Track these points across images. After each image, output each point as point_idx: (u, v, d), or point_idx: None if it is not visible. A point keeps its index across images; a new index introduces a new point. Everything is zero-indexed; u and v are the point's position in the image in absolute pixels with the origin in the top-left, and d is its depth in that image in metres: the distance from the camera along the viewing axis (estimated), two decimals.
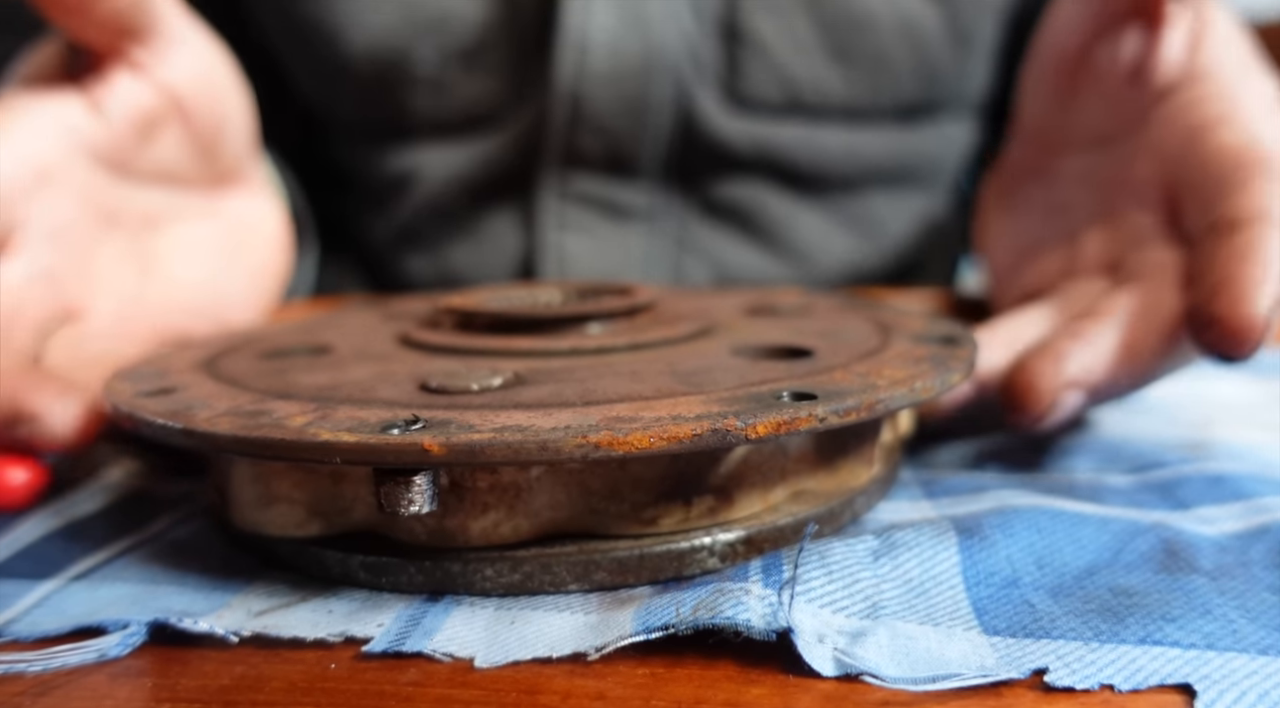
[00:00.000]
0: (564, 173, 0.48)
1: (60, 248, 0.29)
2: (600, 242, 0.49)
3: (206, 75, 0.33)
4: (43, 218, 0.29)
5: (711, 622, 0.17)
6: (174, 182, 0.33)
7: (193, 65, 0.32)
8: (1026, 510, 0.22)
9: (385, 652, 0.17)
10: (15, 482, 0.25)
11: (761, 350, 0.24)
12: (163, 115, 0.32)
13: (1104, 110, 0.32)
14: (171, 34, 0.31)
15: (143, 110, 0.31)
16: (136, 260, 0.32)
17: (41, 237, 0.28)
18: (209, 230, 0.34)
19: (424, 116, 0.50)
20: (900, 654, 0.17)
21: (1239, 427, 0.29)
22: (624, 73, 0.46)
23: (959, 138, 0.54)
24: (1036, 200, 0.35)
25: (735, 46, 0.47)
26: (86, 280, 0.30)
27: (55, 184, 0.29)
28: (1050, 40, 0.34)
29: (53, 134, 0.29)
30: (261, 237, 0.37)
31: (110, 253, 0.31)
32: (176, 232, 0.33)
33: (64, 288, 0.29)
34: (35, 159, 0.29)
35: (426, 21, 0.47)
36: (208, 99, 0.33)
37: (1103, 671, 0.16)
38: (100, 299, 0.30)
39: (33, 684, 0.17)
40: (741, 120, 0.48)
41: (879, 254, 0.53)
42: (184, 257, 0.33)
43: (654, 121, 0.47)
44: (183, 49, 0.32)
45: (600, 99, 0.46)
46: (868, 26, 0.47)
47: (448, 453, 0.17)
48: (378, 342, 0.27)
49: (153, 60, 0.31)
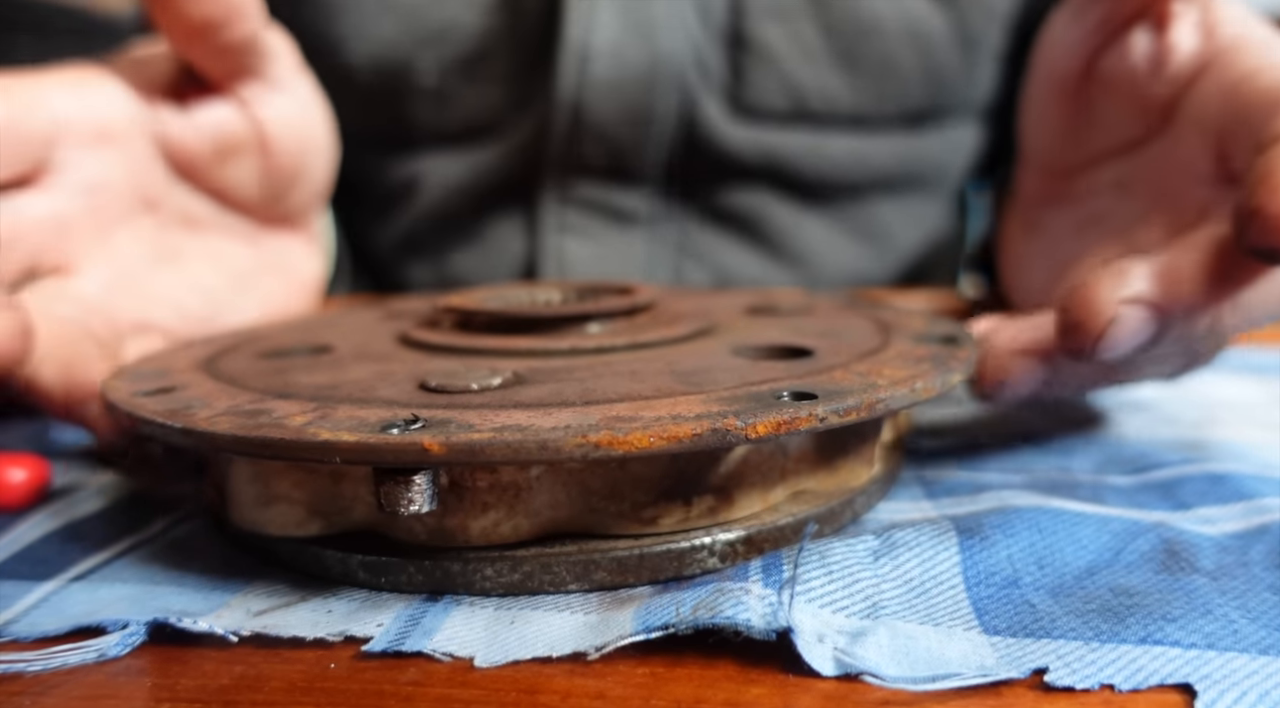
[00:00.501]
0: (564, 180, 0.48)
1: (85, 204, 0.30)
2: (601, 246, 0.49)
3: (298, 124, 0.34)
4: (84, 171, 0.30)
5: (711, 621, 0.17)
6: (232, 204, 0.34)
7: (289, 112, 0.33)
8: (1027, 510, 0.22)
9: (385, 651, 0.17)
10: (15, 481, 0.25)
11: (761, 350, 0.24)
12: (244, 145, 0.33)
13: (1124, 117, 0.31)
14: (279, 80, 0.33)
15: (227, 133, 0.32)
16: (154, 248, 0.32)
17: (73, 186, 0.29)
18: (242, 254, 0.35)
19: (426, 126, 0.50)
20: (900, 654, 0.17)
21: (1240, 426, 0.29)
22: (627, 81, 0.46)
23: (965, 142, 0.53)
24: (1064, 222, 0.34)
25: (741, 54, 0.47)
26: (93, 244, 0.30)
27: (110, 148, 0.30)
28: (1048, 69, 0.33)
29: (124, 105, 0.31)
30: (291, 280, 0.37)
31: (132, 232, 0.31)
32: (208, 241, 0.34)
33: (68, 240, 0.29)
34: (96, 116, 0.30)
35: (428, 32, 0.47)
36: (292, 146, 0.34)
37: (1103, 670, 0.16)
38: (99, 265, 0.30)
39: (32, 684, 0.17)
40: (746, 128, 0.48)
41: (883, 261, 0.53)
42: (204, 264, 0.33)
43: (657, 130, 0.47)
44: (285, 96, 0.33)
45: (602, 108, 0.46)
46: (875, 33, 0.47)
47: (447, 452, 0.17)
48: (377, 341, 0.27)
49: (254, 97, 0.32)
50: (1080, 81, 0.32)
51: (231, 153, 0.32)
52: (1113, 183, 0.32)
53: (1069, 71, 0.32)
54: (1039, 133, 0.35)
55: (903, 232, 0.53)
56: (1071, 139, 0.33)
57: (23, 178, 0.28)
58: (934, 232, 0.55)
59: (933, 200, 0.54)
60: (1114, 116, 0.31)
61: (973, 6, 0.48)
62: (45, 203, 0.29)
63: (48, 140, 0.28)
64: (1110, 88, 0.31)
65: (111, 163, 0.30)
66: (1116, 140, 0.32)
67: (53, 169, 0.29)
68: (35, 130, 0.28)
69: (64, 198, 0.29)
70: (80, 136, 0.29)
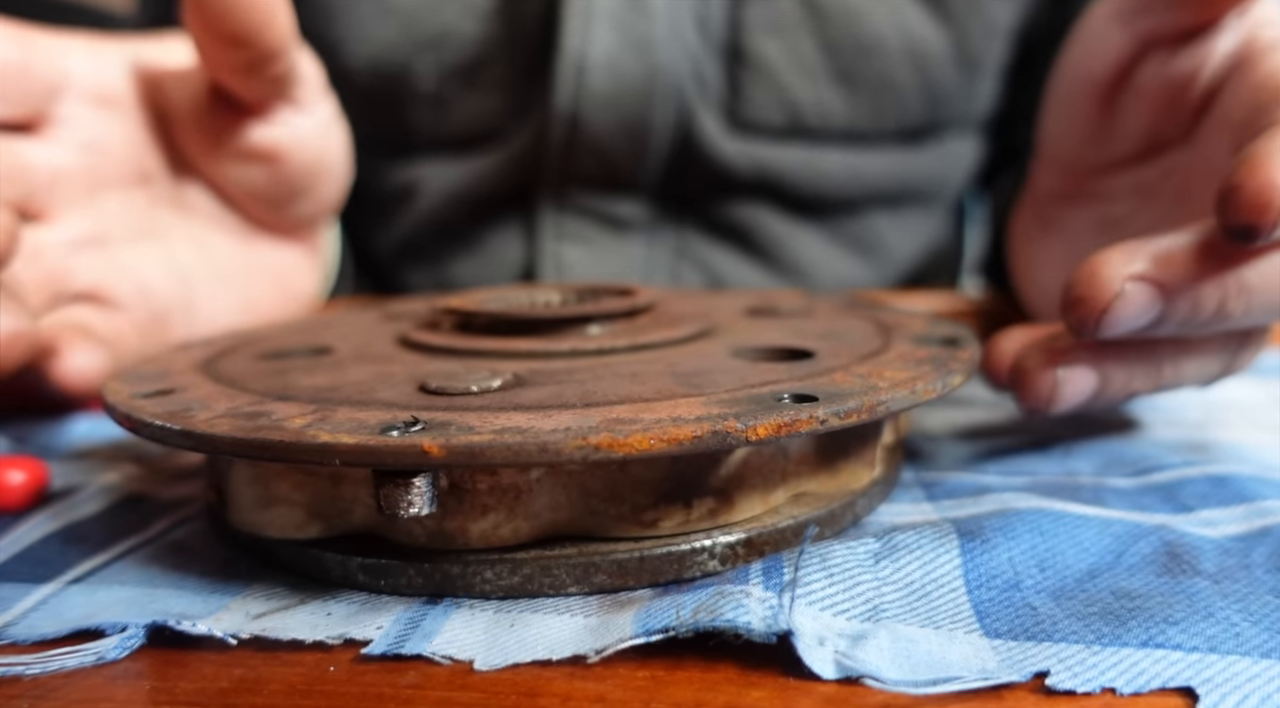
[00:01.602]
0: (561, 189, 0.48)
1: (80, 161, 0.30)
2: (599, 252, 0.49)
3: (315, 144, 0.34)
4: (84, 130, 0.30)
5: (712, 624, 0.17)
6: (231, 201, 0.34)
7: (307, 130, 0.34)
8: (1029, 513, 0.21)
9: (384, 654, 0.17)
10: (14, 483, 0.25)
11: (762, 352, 0.24)
12: (257, 152, 0.33)
13: (1151, 123, 0.30)
14: (303, 102, 0.33)
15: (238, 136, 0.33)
16: (139, 220, 0.32)
17: (72, 142, 0.30)
18: (230, 250, 0.35)
19: (425, 132, 0.50)
20: (901, 657, 0.17)
21: (1242, 429, 0.29)
22: (624, 94, 0.45)
23: (963, 155, 0.53)
24: (1083, 221, 0.33)
25: (738, 68, 0.47)
26: (78, 200, 0.31)
27: (113, 113, 0.31)
28: (1079, 69, 0.33)
29: (134, 77, 0.32)
30: (282, 287, 0.37)
31: (121, 199, 0.32)
32: (197, 228, 0.34)
33: (56, 192, 0.30)
34: (104, 80, 0.31)
35: (426, 37, 0.47)
36: (304, 162, 0.34)
37: (1104, 674, 0.16)
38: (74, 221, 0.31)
39: (30, 687, 0.17)
40: (742, 142, 0.48)
41: (879, 273, 0.53)
42: (186, 248, 0.33)
43: (654, 143, 0.47)
44: (307, 117, 0.33)
45: (599, 120, 0.46)
46: (874, 50, 0.47)
47: (447, 455, 0.17)
48: (377, 343, 0.27)
49: (277, 116, 0.33)
50: (1113, 86, 0.32)
51: (239, 155, 0.32)
52: (1132, 187, 0.32)
53: (1103, 75, 0.32)
54: (1062, 131, 0.34)
55: (899, 244, 0.53)
56: (1095, 140, 0.33)
57: (25, 122, 0.29)
58: (931, 243, 0.54)
59: (930, 213, 0.54)
60: (1142, 123, 0.31)
61: (974, 25, 0.48)
62: (43, 151, 0.29)
63: (54, 90, 0.29)
64: (1143, 95, 0.30)
65: (112, 128, 0.31)
66: (1140, 146, 0.31)
67: (54, 122, 0.30)
68: (43, 77, 0.29)
69: (61, 151, 0.30)
70: (86, 95, 0.30)
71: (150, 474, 0.28)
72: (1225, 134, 0.27)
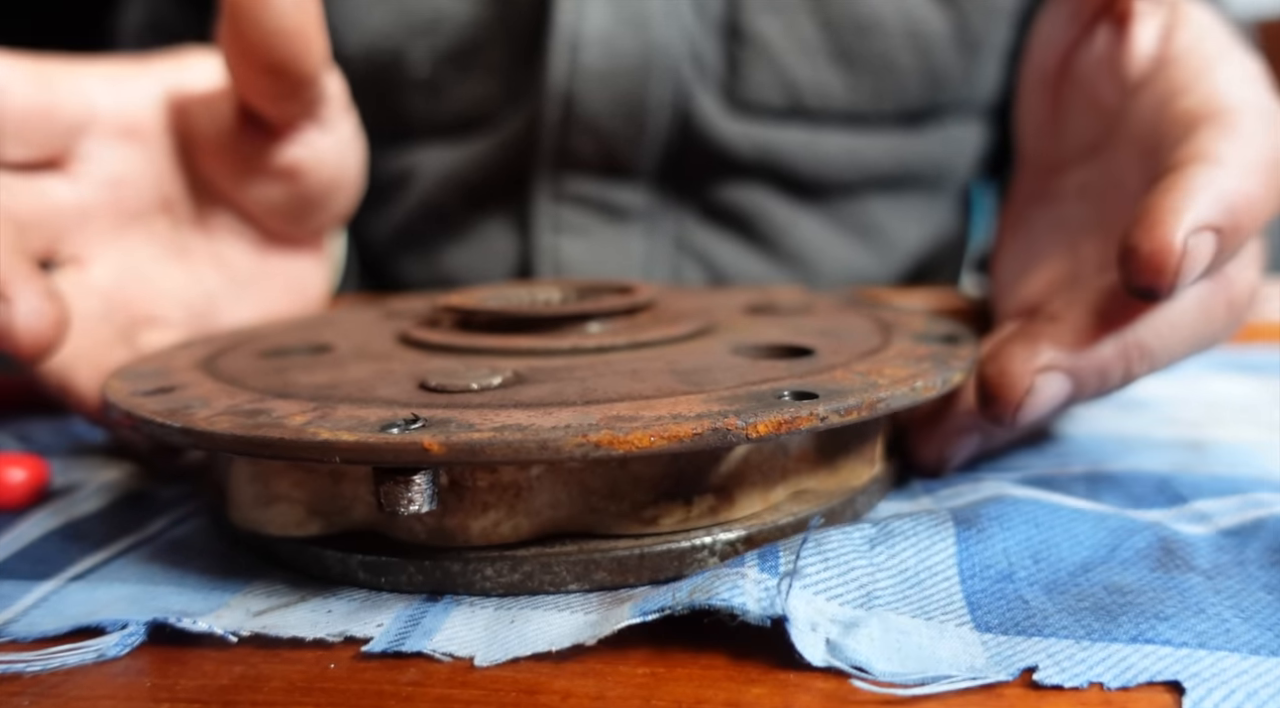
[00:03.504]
0: (558, 175, 0.48)
1: (106, 196, 0.30)
2: (597, 244, 0.49)
3: (334, 161, 0.34)
4: (108, 165, 0.30)
5: (707, 603, 0.17)
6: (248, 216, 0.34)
7: (328, 148, 0.33)
8: (1025, 502, 0.21)
9: (385, 652, 0.17)
10: (15, 480, 0.25)
11: (762, 349, 0.24)
12: (280, 171, 0.33)
13: (1089, 119, 0.31)
14: (327, 121, 0.33)
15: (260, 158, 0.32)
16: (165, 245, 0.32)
17: (97, 178, 0.30)
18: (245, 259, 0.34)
19: (419, 118, 0.50)
20: (891, 650, 0.17)
21: (1237, 426, 0.29)
22: (620, 71, 0.45)
23: (966, 141, 0.53)
24: (1039, 220, 0.34)
25: (737, 47, 0.47)
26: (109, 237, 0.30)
27: (136, 146, 0.31)
28: (1034, 63, 0.33)
29: (157, 106, 0.31)
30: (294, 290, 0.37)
31: (146, 229, 0.32)
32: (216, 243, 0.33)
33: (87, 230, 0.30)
34: (127, 113, 0.30)
35: (420, 22, 0.47)
36: (324, 180, 0.34)
37: (1093, 669, 0.16)
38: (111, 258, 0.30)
39: (31, 685, 0.17)
40: (741, 123, 0.47)
41: (882, 260, 0.52)
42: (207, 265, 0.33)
43: (651, 123, 0.46)
44: (329, 135, 0.33)
45: (594, 99, 0.46)
46: (874, 30, 0.47)
47: (447, 452, 0.17)
48: (377, 340, 0.27)
49: (300, 136, 0.32)
50: (1058, 77, 0.32)
51: (263, 175, 0.32)
52: (1079, 187, 0.32)
53: (1049, 66, 0.32)
54: (1026, 125, 0.35)
55: (901, 230, 0.53)
56: (1050, 136, 0.33)
57: (49, 161, 0.29)
58: (934, 231, 0.54)
59: (933, 199, 0.53)
60: (1080, 117, 0.31)
61: (974, 6, 0.48)
62: (69, 190, 0.29)
63: (78, 128, 0.29)
64: (1077, 85, 0.31)
65: (136, 161, 0.31)
66: (1082, 142, 0.31)
67: (78, 158, 0.29)
68: (67, 116, 0.28)
69: (87, 188, 0.29)
70: (109, 130, 0.30)
71: (150, 472, 0.28)
72: (1133, 148, 0.27)
